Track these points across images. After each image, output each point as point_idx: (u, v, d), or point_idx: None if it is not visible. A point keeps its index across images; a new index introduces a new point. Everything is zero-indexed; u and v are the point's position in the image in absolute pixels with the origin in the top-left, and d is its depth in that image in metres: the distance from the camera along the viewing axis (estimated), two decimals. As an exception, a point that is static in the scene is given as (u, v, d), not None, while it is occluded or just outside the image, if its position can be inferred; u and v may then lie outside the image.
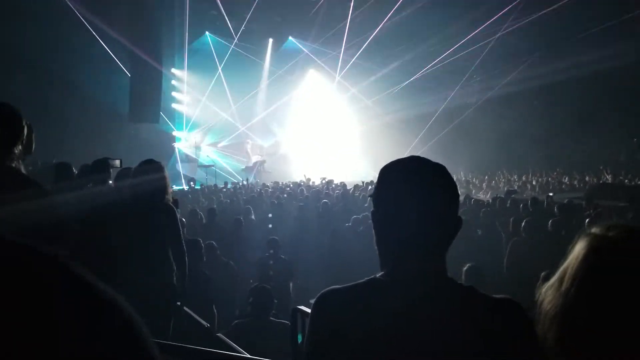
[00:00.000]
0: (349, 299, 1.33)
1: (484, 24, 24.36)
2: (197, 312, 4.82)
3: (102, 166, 5.22)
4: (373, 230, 1.41)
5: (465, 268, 4.45)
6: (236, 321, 4.57)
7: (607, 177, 22.52)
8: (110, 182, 5.10)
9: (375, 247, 1.40)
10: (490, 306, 1.31)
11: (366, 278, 1.35)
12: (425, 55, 26.59)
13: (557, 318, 1.17)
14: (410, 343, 1.24)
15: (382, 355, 1.25)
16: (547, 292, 1.22)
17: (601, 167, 24.63)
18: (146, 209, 4.37)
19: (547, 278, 4.53)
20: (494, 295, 1.33)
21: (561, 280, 1.20)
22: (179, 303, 4.44)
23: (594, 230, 1.23)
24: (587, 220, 7.59)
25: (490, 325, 1.26)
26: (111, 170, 5.32)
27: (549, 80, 25.46)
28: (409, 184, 1.34)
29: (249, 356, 3.41)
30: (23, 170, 2.67)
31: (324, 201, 10.48)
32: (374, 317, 1.27)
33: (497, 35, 24.83)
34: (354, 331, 1.27)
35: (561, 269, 1.22)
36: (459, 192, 1.42)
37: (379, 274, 1.37)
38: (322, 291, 1.37)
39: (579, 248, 1.22)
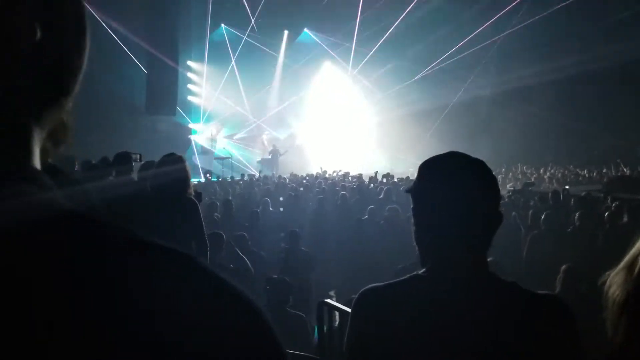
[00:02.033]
0: (391, 296, 1.35)
1: (498, 14, 24.22)
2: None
3: (124, 160, 5.27)
4: (413, 227, 1.42)
5: None
6: None
7: (625, 170, 22.21)
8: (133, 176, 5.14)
9: (415, 244, 1.42)
10: (534, 302, 1.32)
11: (408, 275, 1.37)
12: (441, 47, 26.43)
13: (628, 303, 1.16)
14: (454, 339, 1.26)
15: (425, 351, 1.27)
16: (615, 278, 1.20)
17: (618, 160, 24.28)
18: (168, 203, 4.39)
19: (567, 271, 4.44)
20: (538, 292, 1.35)
21: (631, 265, 1.18)
22: None
23: None
24: (607, 213, 7.51)
25: (534, 321, 1.28)
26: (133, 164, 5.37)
27: (566, 73, 25.09)
28: (448, 179, 1.35)
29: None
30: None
31: (342, 193, 10.43)
32: (417, 314, 1.29)
33: (515, 27, 24.63)
34: (397, 328, 1.29)
35: (630, 254, 1.20)
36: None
37: (421, 271, 1.39)
38: (363, 289, 1.39)
39: None
